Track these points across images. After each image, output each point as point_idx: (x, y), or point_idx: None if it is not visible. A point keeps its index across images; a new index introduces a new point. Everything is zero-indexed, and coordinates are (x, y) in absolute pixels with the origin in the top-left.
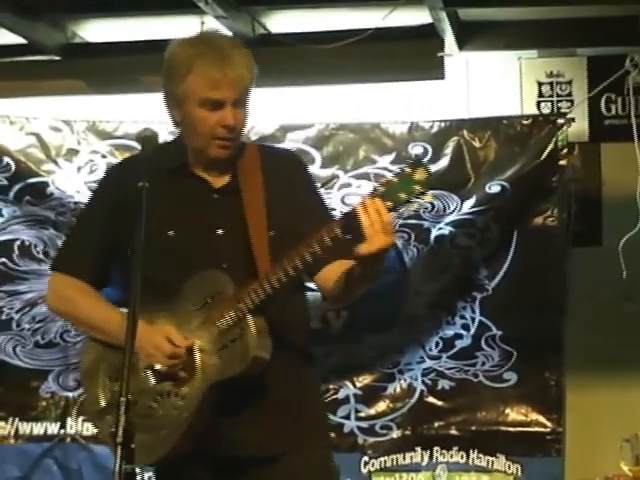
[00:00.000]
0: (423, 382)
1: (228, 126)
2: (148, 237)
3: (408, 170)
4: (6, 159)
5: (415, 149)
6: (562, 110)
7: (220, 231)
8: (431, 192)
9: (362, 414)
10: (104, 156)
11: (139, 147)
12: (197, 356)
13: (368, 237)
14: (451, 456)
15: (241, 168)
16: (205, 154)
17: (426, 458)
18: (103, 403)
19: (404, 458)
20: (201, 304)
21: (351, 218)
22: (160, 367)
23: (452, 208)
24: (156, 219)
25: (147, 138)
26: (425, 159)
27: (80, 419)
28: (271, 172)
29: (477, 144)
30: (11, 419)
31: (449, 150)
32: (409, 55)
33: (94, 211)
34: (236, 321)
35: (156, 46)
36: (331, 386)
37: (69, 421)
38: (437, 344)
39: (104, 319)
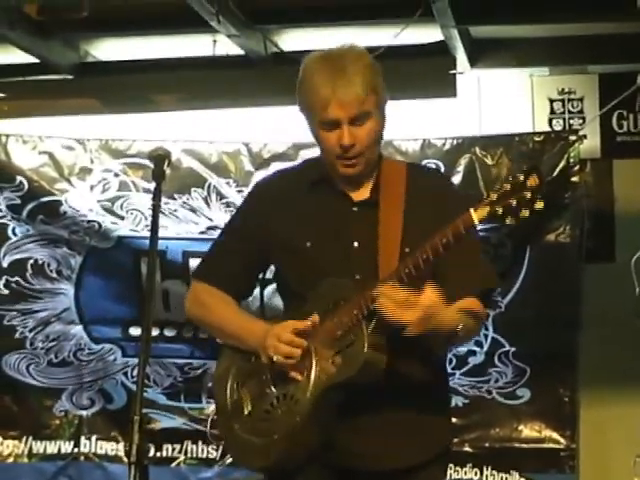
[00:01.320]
0: None
1: (344, 146)
2: (287, 248)
3: (520, 177)
4: (19, 178)
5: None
6: (574, 127)
7: (356, 243)
8: None
9: None
10: (117, 175)
11: (151, 166)
12: (314, 360)
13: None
14: (465, 473)
15: (384, 182)
16: (335, 170)
17: None
18: (230, 409)
19: None
20: (323, 310)
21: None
22: (277, 358)
23: None
24: (295, 231)
25: (159, 157)
26: None
27: (94, 437)
28: (416, 190)
29: (489, 161)
30: (25, 438)
31: (461, 167)
32: (421, 73)
33: (240, 223)
34: (351, 327)
35: (169, 65)
36: None
37: (82, 439)
38: (450, 361)
39: (237, 325)
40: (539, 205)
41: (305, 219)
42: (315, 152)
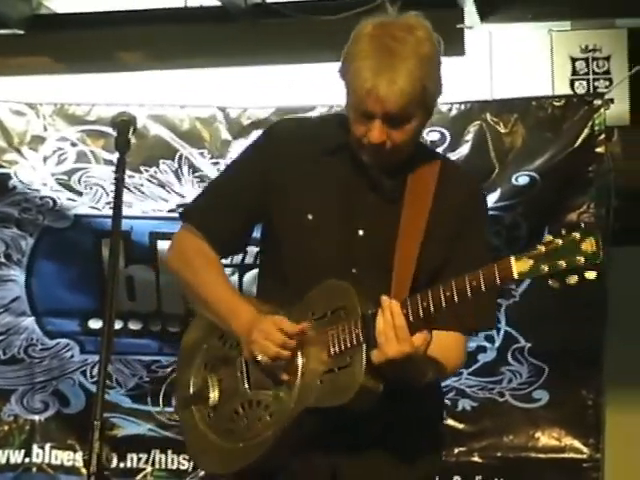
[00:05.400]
0: None
1: (371, 144)
2: (285, 214)
3: (576, 235)
4: None
5: (431, 135)
6: (599, 90)
7: (361, 232)
8: None
9: None
10: (74, 144)
11: (114, 134)
12: (299, 373)
13: (379, 344)
14: None
15: (413, 175)
16: (358, 151)
17: None
18: (192, 390)
19: None
20: (320, 315)
21: (370, 318)
22: (262, 358)
23: None
24: (299, 196)
25: (123, 123)
26: (443, 146)
27: (47, 446)
28: (444, 195)
29: (502, 129)
30: None
31: (470, 136)
32: None
33: (245, 167)
34: (349, 347)
35: (134, 18)
36: None
37: (35, 448)
38: None
39: (222, 302)
40: (590, 275)
41: (314, 187)
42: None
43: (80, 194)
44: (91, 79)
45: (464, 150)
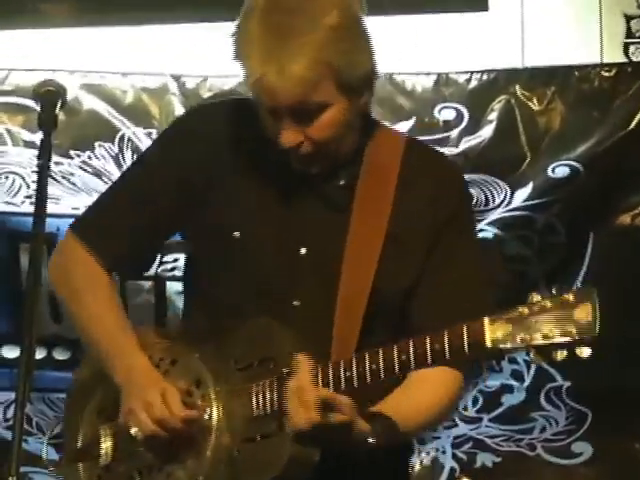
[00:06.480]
0: (454, 456)
1: (284, 146)
2: (208, 231)
3: (569, 297)
4: None
5: (444, 113)
6: None
7: (304, 250)
8: (468, 177)
9: None
10: None
11: (37, 108)
12: (213, 436)
13: (288, 410)
14: None
15: (364, 171)
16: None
17: None
18: (80, 443)
19: None
20: (245, 365)
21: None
22: (136, 432)
23: (498, 200)
24: (220, 209)
25: (49, 95)
26: (459, 128)
27: None
28: (412, 189)
29: (535, 106)
30: None
31: (494, 115)
32: None
33: (154, 170)
34: (275, 410)
35: None
36: None
37: None
38: (475, 401)
39: (110, 345)
40: (582, 352)
41: (240, 196)
42: None
43: None
44: (7, 37)
45: (486, 133)
